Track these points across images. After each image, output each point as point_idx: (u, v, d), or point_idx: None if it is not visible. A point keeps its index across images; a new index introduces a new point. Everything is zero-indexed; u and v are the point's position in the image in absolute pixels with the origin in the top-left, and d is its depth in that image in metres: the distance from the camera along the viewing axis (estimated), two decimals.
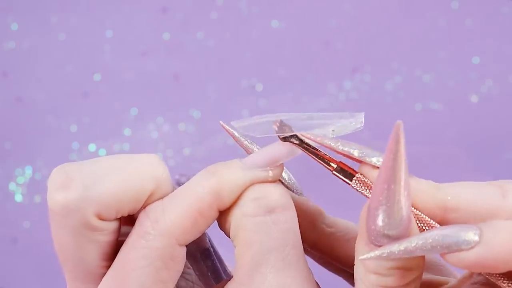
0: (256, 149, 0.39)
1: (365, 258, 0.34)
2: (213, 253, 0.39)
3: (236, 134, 0.40)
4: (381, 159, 0.37)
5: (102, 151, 0.99)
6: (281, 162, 0.38)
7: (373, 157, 0.37)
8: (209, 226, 0.37)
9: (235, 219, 0.37)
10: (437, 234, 0.33)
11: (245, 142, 0.40)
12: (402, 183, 0.33)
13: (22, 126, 0.99)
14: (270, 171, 0.37)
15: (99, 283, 0.38)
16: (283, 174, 0.40)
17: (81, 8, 1.00)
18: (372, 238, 0.34)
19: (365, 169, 0.37)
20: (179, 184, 0.40)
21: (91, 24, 1.00)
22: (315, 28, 0.99)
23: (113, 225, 0.37)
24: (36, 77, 0.99)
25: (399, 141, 0.32)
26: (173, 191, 0.38)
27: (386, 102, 0.96)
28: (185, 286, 0.41)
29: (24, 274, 0.98)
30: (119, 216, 0.37)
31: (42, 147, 0.99)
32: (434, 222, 0.36)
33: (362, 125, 0.38)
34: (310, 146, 0.38)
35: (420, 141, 0.94)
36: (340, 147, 0.37)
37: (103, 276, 0.38)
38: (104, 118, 0.99)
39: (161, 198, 0.37)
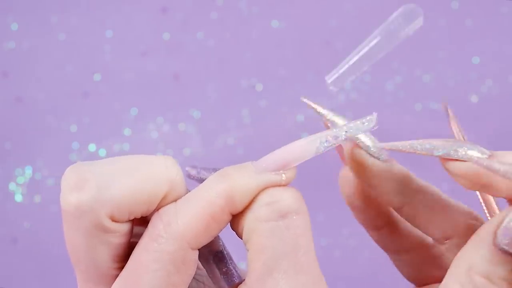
0: (342, 122, 0.39)
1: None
2: (226, 256, 0.39)
3: (319, 109, 0.40)
4: (466, 151, 0.37)
5: (102, 151, 0.98)
6: (294, 165, 0.37)
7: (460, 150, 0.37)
8: (222, 230, 0.37)
9: (248, 223, 0.36)
10: None
11: (333, 117, 0.39)
12: None
13: (22, 126, 0.99)
14: (283, 175, 0.37)
15: (111, 285, 0.38)
16: (367, 141, 0.40)
17: (81, 8, 1.00)
18: (503, 238, 0.34)
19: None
20: (189, 176, 0.40)
21: (91, 24, 0.99)
22: (315, 28, 0.99)
23: (126, 226, 0.37)
24: (36, 77, 0.99)
25: None
26: (187, 193, 0.38)
27: (386, 102, 0.96)
28: (196, 287, 0.41)
29: (24, 274, 0.98)
30: (132, 218, 0.37)
31: (42, 147, 0.99)
32: None
33: (374, 124, 0.37)
34: None
35: None
36: (419, 147, 0.37)
37: (115, 278, 0.37)
38: (104, 118, 0.99)
39: (175, 200, 0.37)
